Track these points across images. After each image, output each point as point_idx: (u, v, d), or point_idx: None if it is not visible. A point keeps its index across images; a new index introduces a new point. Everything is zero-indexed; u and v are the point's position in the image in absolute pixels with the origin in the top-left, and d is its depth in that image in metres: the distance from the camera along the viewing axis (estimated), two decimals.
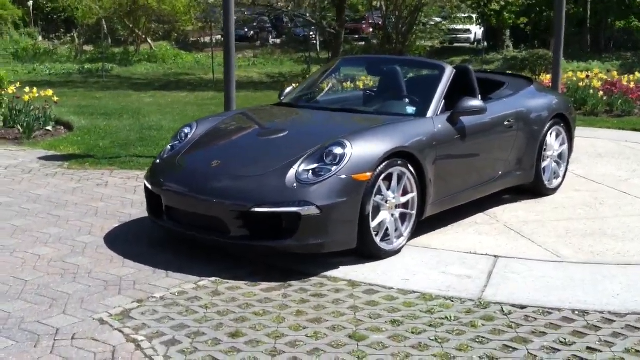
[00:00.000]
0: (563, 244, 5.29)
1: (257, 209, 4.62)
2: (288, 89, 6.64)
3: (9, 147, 9.09)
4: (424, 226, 5.51)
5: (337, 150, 4.79)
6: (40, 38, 30.44)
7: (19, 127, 9.73)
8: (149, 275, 4.69)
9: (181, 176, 5.19)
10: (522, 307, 4.17)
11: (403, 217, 5.16)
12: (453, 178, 5.57)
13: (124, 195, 6.71)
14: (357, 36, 33.66)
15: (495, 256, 5.03)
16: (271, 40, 36.73)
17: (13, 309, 4.12)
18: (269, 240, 4.68)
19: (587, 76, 12.28)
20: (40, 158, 8.35)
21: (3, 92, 10.44)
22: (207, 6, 22.07)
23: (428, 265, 4.87)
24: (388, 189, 4.98)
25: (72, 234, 5.54)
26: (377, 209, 4.93)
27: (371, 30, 30.72)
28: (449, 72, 5.80)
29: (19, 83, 11.04)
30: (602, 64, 23.31)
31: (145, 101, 14.72)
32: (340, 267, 4.82)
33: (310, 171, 4.74)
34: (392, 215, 5.04)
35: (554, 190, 6.72)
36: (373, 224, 4.87)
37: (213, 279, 4.63)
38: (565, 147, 6.83)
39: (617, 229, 5.64)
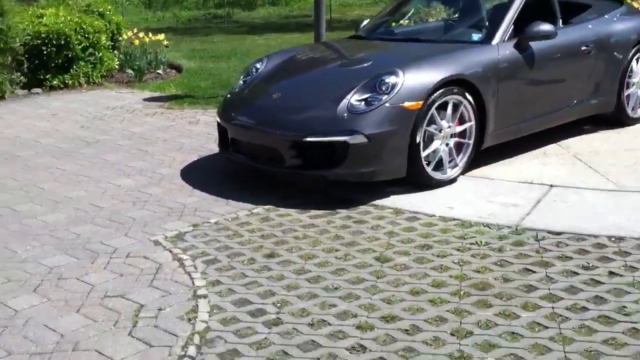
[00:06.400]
0: (627, 174, 5.12)
1: (308, 139, 4.81)
2: (366, 21, 6.72)
3: (121, 89, 9.76)
4: (488, 156, 5.50)
5: (389, 79, 4.86)
6: None
7: (131, 71, 10.39)
8: (210, 203, 5.03)
9: (245, 109, 5.46)
10: (558, 234, 4.14)
11: (459, 147, 5.17)
12: (518, 107, 5.47)
13: (211, 131, 7.08)
14: None
15: (550, 185, 4.96)
16: None
17: (83, 231, 4.59)
18: (320, 169, 4.88)
19: None
20: (145, 99, 8.93)
21: (120, 38, 11.13)
22: None
23: (478, 194, 4.89)
24: (443, 118, 5.01)
25: (153, 166, 5.99)
26: (430, 138, 4.98)
27: None
28: None
29: (135, 29, 11.73)
30: None
31: (257, 43, 15.12)
32: (391, 196, 4.95)
33: (363, 101, 4.85)
34: (447, 144, 5.07)
35: (638, 120, 6.42)
36: (424, 153, 4.93)
37: (267, 206, 4.91)
38: None
39: None
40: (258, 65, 5.98)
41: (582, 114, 6.10)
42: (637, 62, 6.30)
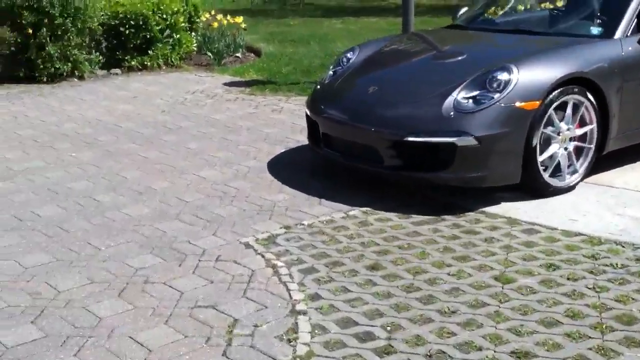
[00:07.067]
0: None
1: (410, 138, 4.37)
2: (463, 10, 6.20)
3: (200, 72, 9.47)
4: (606, 162, 4.95)
5: (502, 76, 4.37)
6: None
7: (209, 54, 10.10)
8: (302, 202, 4.65)
9: (338, 103, 5.05)
10: None
11: (579, 151, 4.66)
12: None
13: (296, 121, 6.72)
14: None
15: None
16: None
17: (169, 228, 4.27)
18: (423, 172, 4.44)
19: None
20: (225, 84, 8.61)
21: (198, 20, 10.84)
22: None
23: (603, 205, 4.37)
24: (561, 119, 4.50)
25: (239, 158, 5.64)
26: (547, 141, 4.48)
27: None
28: None
29: (213, 11, 11.43)
30: None
31: (335, 27, 14.67)
32: (502, 203, 4.47)
33: (471, 99, 4.38)
34: (565, 148, 4.57)
35: None
36: (541, 158, 4.44)
37: (364, 209, 4.49)
38: None
39: None
40: (349, 55, 5.55)
41: None
42: None
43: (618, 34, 4.85)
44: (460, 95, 4.41)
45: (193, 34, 10.53)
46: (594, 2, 5.41)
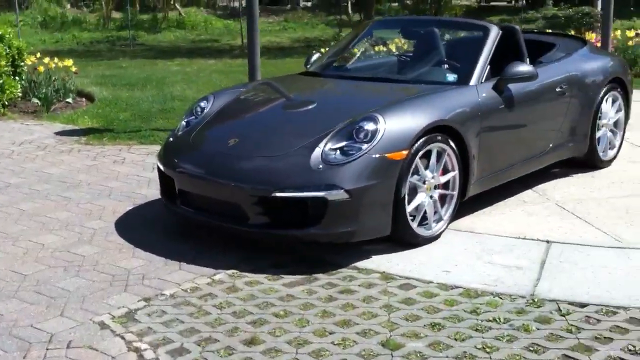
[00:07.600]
0: (624, 226, 4.70)
1: (278, 194, 4.11)
2: (315, 56, 6.06)
3: (27, 121, 8.71)
4: (465, 206, 4.95)
5: (368, 126, 4.24)
6: (68, 6, 29.98)
7: (36, 100, 9.32)
8: (159, 268, 4.22)
9: (195, 156, 4.70)
10: (582, 306, 3.61)
11: (443, 199, 4.61)
12: (500, 153, 5.00)
13: (141, 173, 6.26)
14: None
15: (547, 241, 4.46)
16: (302, 3, 35.83)
17: (6, 309, 3.69)
18: (292, 229, 4.18)
19: (637, 34, 11.45)
20: (57, 133, 7.94)
21: (22, 64, 10.01)
22: None
23: (471, 253, 4.33)
24: (426, 167, 4.44)
25: (81, 219, 5.10)
26: (413, 191, 4.40)
27: None
28: (494, 33, 5.17)
29: (38, 54, 10.62)
30: None
31: (171, 70, 14.23)
32: (373, 257, 4.31)
33: (338, 150, 4.21)
34: (431, 197, 4.50)
35: (608, 163, 6.11)
36: (409, 208, 4.34)
37: (230, 271, 4.15)
38: (622, 114, 6.18)
39: None
40: (203, 105, 5.19)
41: (559, 158, 5.70)
42: (607, 102, 5.98)
43: (473, 80, 4.91)
44: (328, 147, 4.22)
45: (17, 78, 9.69)
46: (443, 50, 5.46)
